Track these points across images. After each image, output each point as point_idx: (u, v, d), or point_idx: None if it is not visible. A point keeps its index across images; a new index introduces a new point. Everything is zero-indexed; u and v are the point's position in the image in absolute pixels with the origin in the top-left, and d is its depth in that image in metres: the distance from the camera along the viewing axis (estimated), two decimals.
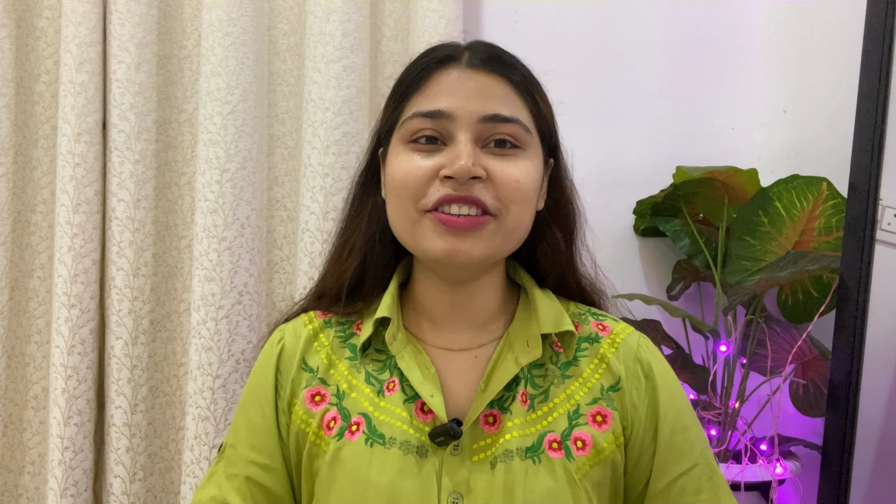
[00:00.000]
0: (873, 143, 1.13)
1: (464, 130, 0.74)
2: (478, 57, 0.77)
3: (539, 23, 1.46)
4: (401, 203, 0.76)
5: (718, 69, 1.48)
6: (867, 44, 1.14)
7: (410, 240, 0.77)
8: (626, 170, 1.46)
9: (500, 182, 0.74)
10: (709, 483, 0.80)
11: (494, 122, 0.75)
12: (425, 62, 0.78)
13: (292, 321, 0.87)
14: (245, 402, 0.85)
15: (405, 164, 0.76)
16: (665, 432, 0.79)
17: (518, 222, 0.77)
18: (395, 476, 0.74)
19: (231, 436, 0.84)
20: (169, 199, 1.33)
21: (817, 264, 1.19)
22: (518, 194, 0.75)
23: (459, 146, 0.73)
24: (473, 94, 0.75)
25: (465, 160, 0.72)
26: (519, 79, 0.78)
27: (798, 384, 1.25)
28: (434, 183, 0.74)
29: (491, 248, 0.76)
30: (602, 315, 0.86)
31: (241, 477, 0.80)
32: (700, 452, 0.80)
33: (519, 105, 0.77)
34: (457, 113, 0.74)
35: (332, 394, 0.81)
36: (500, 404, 0.77)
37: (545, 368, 0.80)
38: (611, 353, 0.81)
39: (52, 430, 1.21)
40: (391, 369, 0.80)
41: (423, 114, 0.75)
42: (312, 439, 0.79)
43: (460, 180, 0.73)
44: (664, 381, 0.81)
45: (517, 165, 0.76)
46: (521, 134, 0.76)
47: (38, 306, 1.31)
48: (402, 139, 0.77)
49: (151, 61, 1.28)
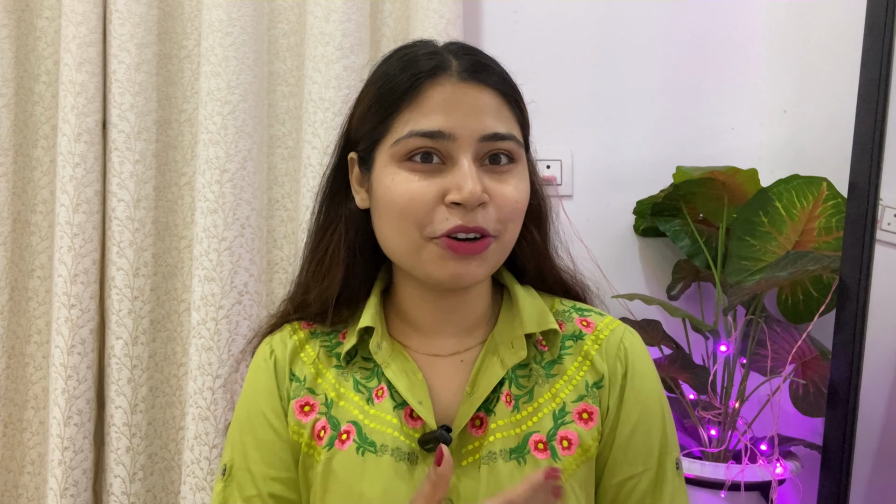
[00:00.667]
0: (873, 143, 1.13)
1: (465, 151, 0.73)
2: (465, 66, 0.75)
3: (539, 23, 1.46)
4: (403, 227, 0.74)
5: (718, 69, 1.48)
6: (867, 44, 1.14)
7: (412, 264, 0.76)
8: (626, 170, 1.46)
9: (501, 205, 0.74)
10: (653, 493, 0.79)
11: (493, 141, 0.74)
12: (414, 72, 0.75)
13: (277, 333, 0.86)
14: (248, 420, 0.83)
15: (406, 187, 0.73)
16: (624, 432, 0.79)
17: (514, 237, 0.78)
18: (387, 484, 0.74)
19: (238, 458, 0.82)
20: (169, 199, 1.33)
21: (817, 264, 1.19)
22: (516, 213, 0.76)
23: (464, 170, 0.72)
24: (471, 110, 0.74)
25: (473, 185, 0.71)
26: (507, 89, 0.77)
27: (798, 384, 1.25)
28: (440, 209, 0.73)
29: (491, 267, 0.76)
30: (587, 310, 0.85)
31: (264, 495, 0.79)
32: (656, 459, 0.80)
33: (510, 118, 0.77)
34: (457, 133, 0.73)
35: (321, 403, 0.80)
36: (485, 406, 0.77)
37: (529, 368, 0.80)
38: (594, 351, 0.81)
39: (52, 430, 1.21)
40: (379, 377, 0.80)
41: (423, 133, 0.73)
42: (305, 450, 0.79)
43: (469, 207, 0.72)
44: (640, 382, 0.80)
45: (513, 184, 0.75)
46: (515, 149, 0.76)
47: (38, 306, 1.31)
48: (396, 157, 0.75)
49: (151, 61, 1.28)
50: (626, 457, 0.79)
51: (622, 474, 0.79)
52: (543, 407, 0.78)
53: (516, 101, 0.78)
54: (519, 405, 0.78)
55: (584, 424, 0.77)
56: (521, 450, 0.75)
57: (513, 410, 0.77)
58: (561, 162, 1.43)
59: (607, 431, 0.79)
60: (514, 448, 0.75)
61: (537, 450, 0.75)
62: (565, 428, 0.77)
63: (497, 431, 0.76)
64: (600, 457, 0.79)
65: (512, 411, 0.77)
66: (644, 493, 0.79)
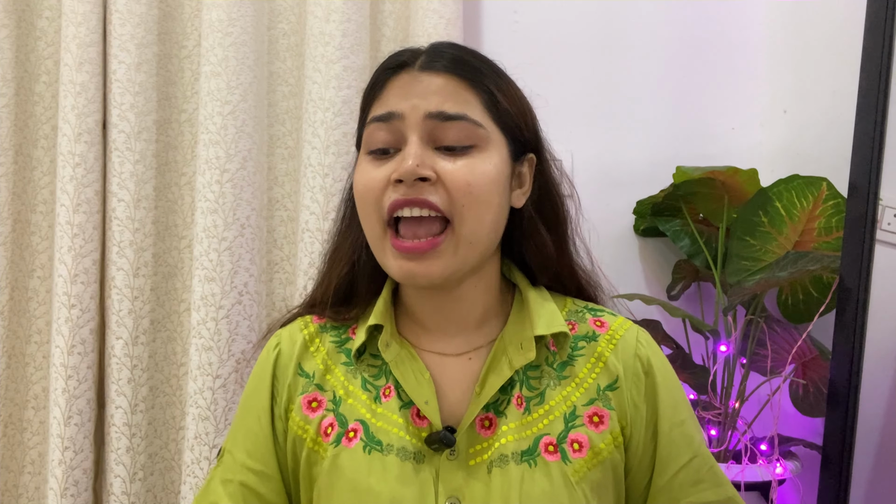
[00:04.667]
0: (873, 143, 1.13)
1: (412, 131, 0.74)
2: (430, 58, 0.77)
3: (539, 23, 1.46)
4: (365, 216, 0.78)
5: (718, 69, 1.48)
6: (867, 44, 1.14)
7: (381, 259, 0.78)
8: (626, 170, 1.46)
9: (451, 184, 0.73)
10: (709, 473, 0.80)
11: (440, 120, 0.74)
12: (381, 69, 0.79)
13: (288, 326, 0.87)
14: (243, 407, 0.84)
15: (362, 176, 0.77)
16: (664, 428, 0.79)
17: (477, 227, 0.75)
18: (393, 483, 0.74)
19: (229, 440, 0.84)
20: (169, 199, 1.33)
21: (817, 264, 1.19)
22: (470, 197, 0.74)
23: (408, 148, 0.74)
24: (422, 93, 0.75)
25: (411, 161, 0.72)
26: (470, 74, 0.76)
27: (798, 384, 1.25)
28: (387, 190, 0.75)
29: (451, 265, 0.75)
30: (599, 310, 0.85)
31: (236, 482, 0.80)
32: (698, 444, 0.81)
33: (470, 101, 0.76)
34: (405, 112, 0.75)
35: (329, 399, 0.80)
36: (495, 408, 0.77)
37: (540, 370, 0.79)
38: (609, 352, 0.80)
39: (52, 430, 1.21)
40: (387, 375, 0.80)
41: (377, 118, 0.76)
42: (311, 445, 0.79)
43: (407, 182, 0.73)
44: (662, 377, 0.81)
45: (469, 165, 0.74)
46: (470, 130, 0.75)
47: (38, 306, 1.31)
48: (364, 151, 0.79)
49: (151, 61, 1.28)
50: (671, 451, 0.79)
51: (673, 468, 0.79)
52: (555, 410, 0.77)
53: (484, 85, 0.77)
54: (530, 407, 0.77)
55: (595, 428, 0.77)
56: (531, 452, 0.75)
57: (524, 413, 0.77)
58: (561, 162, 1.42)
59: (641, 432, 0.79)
60: (525, 450, 0.75)
61: (548, 452, 0.75)
62: (576, 431, 0.77)
63: (508, 434, 0.76)
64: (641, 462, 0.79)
65: (523, 413, 0.77)
66: (700, 476, 0.79)
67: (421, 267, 0.74)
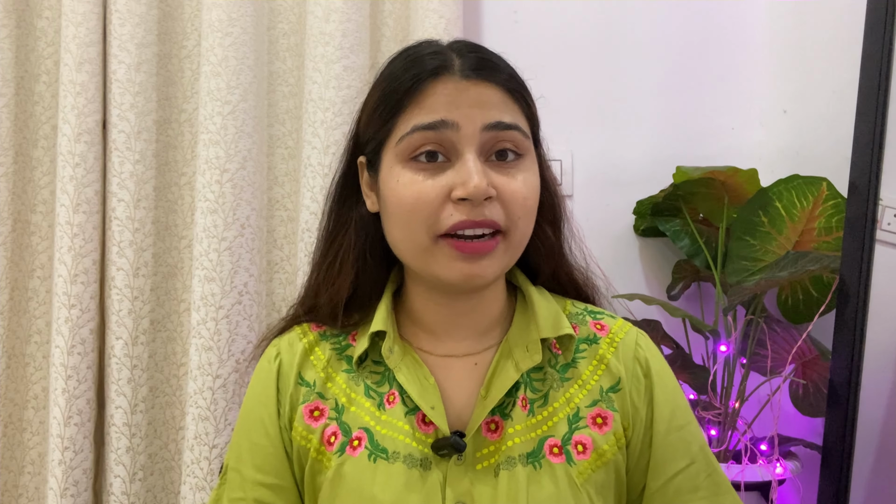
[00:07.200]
0: (873, 143, 1.12)
1: (468, 143, 0.72)
2: (469, 64, 0.75)
3: (539, 23, 1.46)
4: (410, 228, 0.74)
5: (719, 69, 1.48)
6: (867, 44, 1.14)
7: (422, 265, 0.75)
8: (626, 170, 1.46)
9: (509, 200, 0.73)
10: (707, 481, 0.79)
11: (497, 130, 0.73)
12: (417, 72, 0.75)
13: (286, 335, 0.85)
14: (246, 421, 0.83)
15: (412, 187, 0.73)
16: (660, 431, 0.79)
17: (524, 235, 0.76)
18: (399, 491, 0.73)
19: (233, 459, 0.82)
20: (169, 199, 1.33)
21: (817, 264, 1.19)
22: (524, 210, 0.75)
23: (469, 164, 0.71)
24: (474, 103, 0.73)
25: (479, 179, 0.70)
26: (513, 85, 0.77)
27: (798, 384, 1.25)
28: (446, 206, 0.72)
29: (502, 266, 0.75)
30: (599, 313, 0.85)
31: (249, 500, 0.79)
32: (698, 450, 0.80)
33: (516, 111, 0.76)
34: (460, 122, 0.72)
35: (331, 408, 0.79)
36: (501, 410, 0.77)
37: (544, 372, 0.79)
38: (610, 354, 0.80)
39: (52, 430, 1.21)
40: (390, 381, 0.79)
41: (425, 126, 0.72)
42: (314, 455, 0.78)
43: (475, 202, 0.71)
44: (661, 380, 0.81)
45: (521, 178, 0.74)
46: (521, 140, 0.75)
47: (38, 306, 1.31)
48: (400, 156, 0.74)
49: (151, 61, 1.28)
50: (667, 455, 0.79)
51: (668, 473, 0.78)
52: (559, 411, 0.77)
53: (522, 96, 0.78)
54: (534, 409, 0.77)
55: (598, 429, 0.77)
56: (536, 454, 0.75)
57: (528, 415, 0.77)
58: (561, 162, 1.43)
59: (640, 434, 0.79)
60: (530, 452, 0.75)
61: (552, 454, 0.75)
62: (580, 433, 0.77)
63: (515, 436, 0.75)
64: (637, 464, 0.79)
65: (528, 415, 0.77)
66: (697, 483, 0.79)
67: (479, 268, 0.73)
